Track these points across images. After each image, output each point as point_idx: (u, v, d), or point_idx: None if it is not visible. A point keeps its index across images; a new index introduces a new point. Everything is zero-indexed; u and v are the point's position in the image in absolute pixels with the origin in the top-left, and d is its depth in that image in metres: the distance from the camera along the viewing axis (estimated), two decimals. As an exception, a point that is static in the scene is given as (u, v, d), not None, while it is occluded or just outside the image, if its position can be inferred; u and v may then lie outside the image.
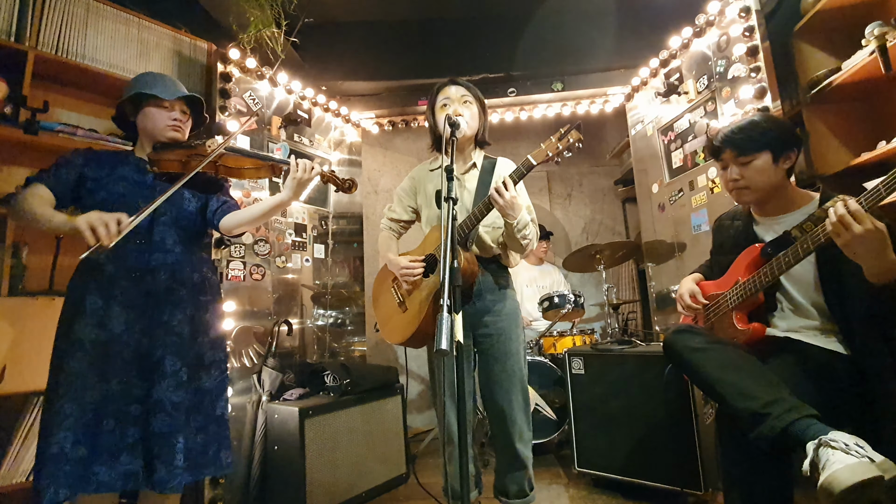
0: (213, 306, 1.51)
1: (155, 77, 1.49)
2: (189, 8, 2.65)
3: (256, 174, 1.50)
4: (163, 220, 1.42)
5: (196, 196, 1.52)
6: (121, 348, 1.30)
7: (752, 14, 2.15)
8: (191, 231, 1.50)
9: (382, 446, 2.29)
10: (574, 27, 3.15)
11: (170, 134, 1.46)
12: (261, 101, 2.51)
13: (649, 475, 1.99)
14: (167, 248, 1.42)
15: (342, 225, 2.98)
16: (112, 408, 1.26)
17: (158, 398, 1.30)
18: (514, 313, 1.64)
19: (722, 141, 1.40)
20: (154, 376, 1.31)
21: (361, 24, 3.22)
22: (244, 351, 2.24)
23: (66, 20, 1.97)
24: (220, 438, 1.44)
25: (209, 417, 1.41)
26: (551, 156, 1.34)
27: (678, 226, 2.62)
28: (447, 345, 0.85)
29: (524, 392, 1.59)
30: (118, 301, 1.32)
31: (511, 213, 1.42)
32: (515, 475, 1.58)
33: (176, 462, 1.28)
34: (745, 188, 1.38)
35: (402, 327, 1.64)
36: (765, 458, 1.17)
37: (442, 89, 1.67)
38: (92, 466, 1.21)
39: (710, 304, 1.49)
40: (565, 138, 1.32)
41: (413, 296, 1.63)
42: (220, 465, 1.42)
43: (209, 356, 1.45)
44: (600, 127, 4.01)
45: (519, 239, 1.50)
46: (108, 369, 1.28)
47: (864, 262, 1.11)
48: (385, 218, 1.83)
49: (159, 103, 1.45)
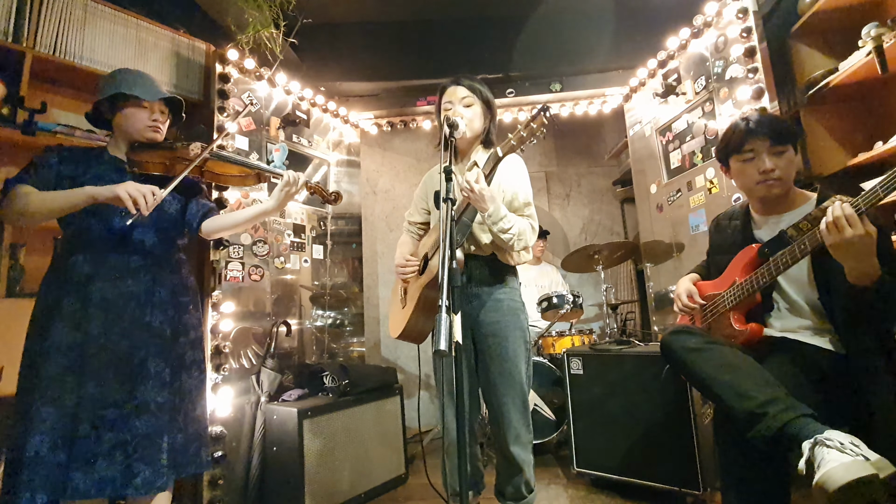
0: (193, 307, 1.51)
1: (135, 76, 1.46)
2: (187, 9, 2.65)
3: (242, 182, 1.51)
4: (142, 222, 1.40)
5: (176, 198, 1.51)
6: (97, 350, 1.28)
7: (749, 15, 2.16)
8: (170, 233, 1.49)
9: (381, 447, 2.29)
10: (572, 28, 3.15)
11: (149, 135, 1.44)
12: (259, 101, 2.51)
13: (648, 475, 1.99)
14: (147, 250, 1.41)
15: (341, 226, 2.98)
16: (88, 412, 1.24)
17: (143, 400, 1.29)
18: (512, 313, 1.62)
19: (756, 126, 1.33)
20: (137, 378, 1.30)
21: (360, 24, 3.23)
22: (243, 352, 2.23)
23: (64, 20, 1.97)
24: (200, 437, 1.45)
25: (189, 417, 1.42)
26: (515, 145, 1.34)
27: (676, 226, 2.62)
28: (445, 345, 0.85)
29: (522, 394, 1.58)
30: (95, 303, 1.31)
31: (483, 206, 1.40)
32: (511, 477, 1.58)
33: (162, 461, 1.28)
34: (778, 179, 1.34)
35: (399, 322, 1.68)
36: (762, 458, 1.17)
37: (445, 90, 1.68)
38: (68, 472, 1.20)
39: (708, 305, 1.50)
40: (529, 126, 1.31)
41: (410, 293, 1.66)
42: (200, 463, 1.42)
43: (189, 356, 1.45)
44: (598, 128, 4.02)
45: (497, 233, 1.48)
46: (84, 372, 1.26)
47: (846, 264, 1.12)
48: (405, 221, 1.88)
49: (139, 103, 1.42)
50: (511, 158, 1.69)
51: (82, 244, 1.36)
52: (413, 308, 1.58)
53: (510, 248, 1.54)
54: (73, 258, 1.34)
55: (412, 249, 1.79)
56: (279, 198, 1.43)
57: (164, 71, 2.26)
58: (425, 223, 1.84)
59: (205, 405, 1.51)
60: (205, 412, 1.50)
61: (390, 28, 3.26)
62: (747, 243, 1.42)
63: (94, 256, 1.34)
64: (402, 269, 1.64)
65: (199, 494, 1.94)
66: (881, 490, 0.90)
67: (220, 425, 2.03)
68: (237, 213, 1.50)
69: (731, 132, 1.42)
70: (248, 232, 2.34)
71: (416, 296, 1.58)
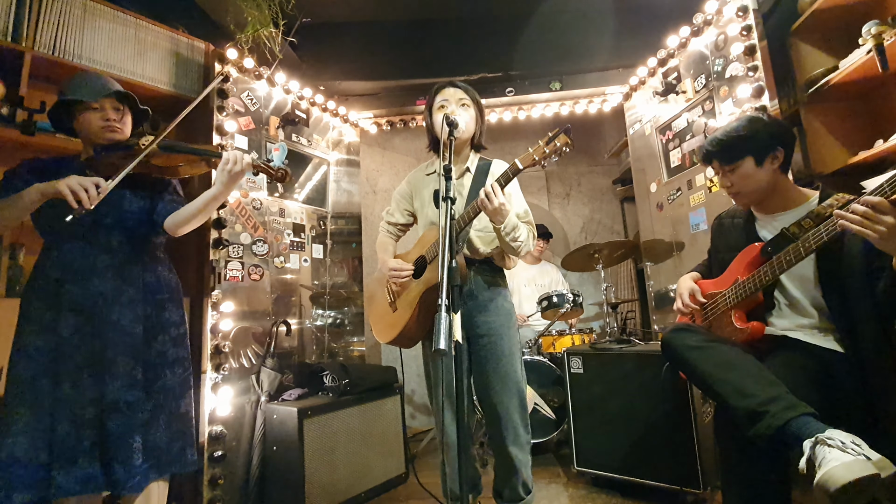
0: (173, 304, 1.50)
1: (79, 78, 1.43)
2: (186, 8, 2.65)
3: (192, 170, 1.47)
4: (105, 222, 1.39)
5: (139, 195, 1.47)
6: (71, 351, 1.29)
7: (749, 13, 2.15)
8: (138, 231, 1.46)
9: (381, 446, 2.29)
10: (572, 27, 3.15)
11: (107, 135, 1.41)
12: (259, 100, 2.51)
13: (648, 474, 1.99)
14: (113, 249, 1.40)
15: (340, 225, 2.98)
16: (66, 412, 1.25)
17: (113, 399, 1.29)
18: (507, 314, 1.63)
19: (704, 155, 1.46)
20: (106, 377, 1.30)
21: (359, 23, 3.22)
22: (243, 351, 2.23)
23: (64, 20, 1.96)
24: (185, 436, 1.44)
25: (172, 415, 1.41)
26: (538, 160, 1.34)
27: (676, 225, 2.62)
28: (445, 345, 0.85)
29: (519, 394, 1.58)
30: (66, 305, 1.31)
31: (499, 219, 1.43)
32: (509, 478, 1.58)
33: (134, 461, 1.28)
34: (736, 194, 1.43)
35: (390, 327, 1.67)
36: (763, 457, 1.17)
37: (440, 90, 1.68)
38: (50, 472, 1.21)
39: (709, 303, 1.49)
40: (552, 143, 1.31)
41: (402, 297, 1.65)
42: (185, 462, 1.42)
43: (172, 353, 1.44)
44: (598, 126, 4.02)
45: (509, 242, 1.51)
46: (59, 374, 1.27)
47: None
48: (383, 221, 1.86)
49: (88, 105, 1.38)
50: (501, 162, 1.69)
51: (53, 246, 1.37)
52: (412, 312, 1.57)
53: (517, 253, 1.58)
54: (46, 261, 1.36)
55: (394, 251, 1.78)
56: (222, 180, 1.39)
57: (164, 70, 2.25)
58: (406, 225, 1.84)
59: (191, 402, 1.49)
60: (190, 410, 1.49)
61: (390, 27, 3.26)
62: (750, 242, 1.42)
63: (62, 258, 1.34)
64: (397, 273, 1.62)
65: (199, 494, 1.94)
66: (884, 490, 0.90)
67: (221, 425, 2.02)
68: (189, 205, 1.46)
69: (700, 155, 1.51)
70: (247, 231, 2.34)
71: (414, 299, 1.57)
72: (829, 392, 1.19)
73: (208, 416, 2.00)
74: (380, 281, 1.80)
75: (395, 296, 1.69)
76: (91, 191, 1.22)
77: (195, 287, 2.14)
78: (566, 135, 1.30)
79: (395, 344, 1.67)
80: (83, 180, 1.23)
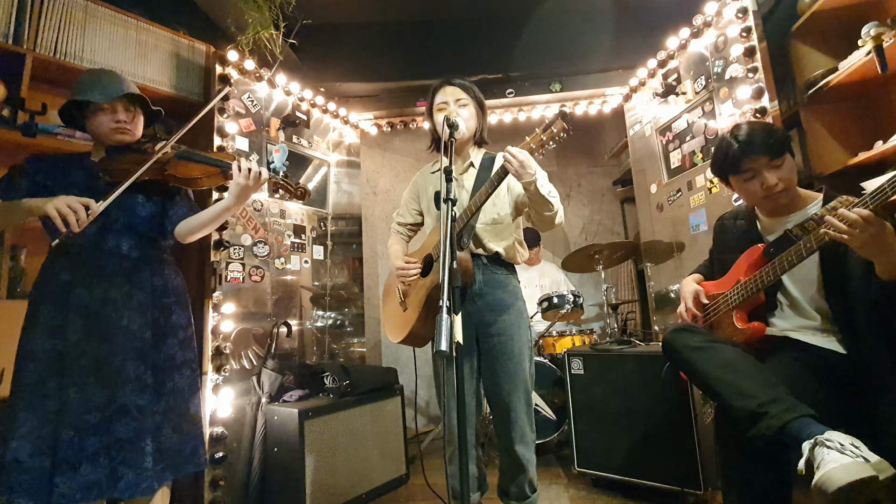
0: (180, 307, 1.50)
1: (91, 78, 1.41)
2: (187, 10, 2.65)
3: (209, 182, 1.44)
4: (116, 226, 1.39)
5: (151, 200, 1.47)
6: (77, 356, 1.28)
7: (749, 15, 2.16)
8: (148, 236, 1.46)
9: (382, 447, 2.29)
10: (572, 28, 3.15)
11: (116, 137, 1.40)
12: (259, 102, 2.51)
13: (649, 475, 1.99)
14: (123, 254, 1.40)
15: (341, 226, 2.98)
16: (70, 418, 1.24)
17: (123, 403, 1.29)
18: (518, 312, 1.61)
19: (748, 147, 1.32)
20: (116, 382, 1.30)
21: (359, 25, 3.23)
22: (243, 353, 2.23)
23: (65, 22, 1.97)
24: (195, 436, 1.45)
25: (183, 416, 1.42)
26: (535, 148, 1.33)
27: (676, 226, 2.62)
28: (447, 346, 0.85)
29: (527, 393, 1.58)
30: (74, 309, 1.30)
31: (528, 173, 1.34)
32: (516, 477, 1.58)
33: (145, 465, 1.27)
34: (784, 191, 1.32)
35: (401, 326, 1.66)
36: (763, 458, 1.17)
37: (438, 90, 1.67)
38: (53, 478, 1.20)
39: (710, 304, 1.50)
40: (549, 129, 1.30)
41: (411, 297, 1.65)
42: (197, 462, 1.43)
43: (180, 356, 1.45)
44: (598, 127, 4.02)
45: (545, 196, 1.42)
46: (65, 378, 1.26)
47: (877, 261, 1.10)
48: (394, 222, 1.87)
49: (99, 106, 1.38)
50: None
51: (63, 250, 1.35)
52: (419, 311, 1.57)
53: (552, 221, 1.52)
54: (55, 264, 1.35)
55: (404, 251, 1.78)
56: (236, 193, 1.38)
57: (165, 72, 2.26)
58: (416, 224, 1.84)
59: (199, 404, 1.50)
60: (199, 410, 1.50)
61: (390, 28, 3.26)
62: (753, 243, 1.42)
63: (72, 262, 1.34)
64: (403, 271, 1.63)
65: (200, 495, 1.94)
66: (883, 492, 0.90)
67: (221, 426, 2.03)
68: (200, 214, 1.47)
69: (724, 154, 1.37)
70: (248, 233, 2.34)
71: (421, 298, 1.57)
72: (829, 393, 1.19)
73: (209, 417, 2.01)
74: (392, 280, 1.80)
75: (404, 295, 1.68)
76: (80, 213, 1.18)
77: (196, 288, 2.14)
78: (563, 120, 1.28)
79: (406, 343, 1.66)
80: (72, 201, 1.19)
